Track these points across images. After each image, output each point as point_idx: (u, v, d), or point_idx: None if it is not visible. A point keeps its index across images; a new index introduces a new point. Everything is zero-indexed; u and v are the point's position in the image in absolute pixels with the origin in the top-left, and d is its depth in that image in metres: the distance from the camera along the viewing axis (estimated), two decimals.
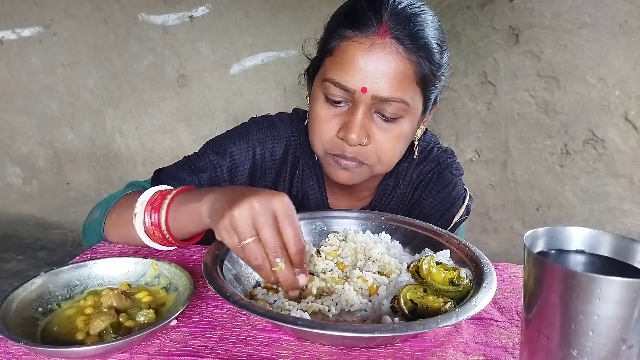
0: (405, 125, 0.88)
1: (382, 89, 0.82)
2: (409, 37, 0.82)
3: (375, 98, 0.83)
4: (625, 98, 2.45)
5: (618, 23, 2.36)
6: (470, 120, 2.66)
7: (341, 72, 0.83)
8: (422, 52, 0.84)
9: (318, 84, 0.89)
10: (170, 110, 2.98)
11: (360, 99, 0.83)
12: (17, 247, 2.89)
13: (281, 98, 2.87)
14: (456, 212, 1.03)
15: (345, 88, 0.83)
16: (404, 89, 0.84)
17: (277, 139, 1.02)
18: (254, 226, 0.64)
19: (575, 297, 0.45)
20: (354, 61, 0.82)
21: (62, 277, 0.69)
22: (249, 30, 2.79)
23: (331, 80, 0.84)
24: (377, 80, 0.82)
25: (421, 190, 1.05)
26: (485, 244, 2.76)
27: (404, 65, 0.83)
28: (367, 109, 0.85)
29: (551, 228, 0.54)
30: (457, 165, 1.07)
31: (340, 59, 0.84)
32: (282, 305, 0.67)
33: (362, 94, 0.82)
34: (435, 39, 0.86)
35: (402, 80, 0.83)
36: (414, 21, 0.83)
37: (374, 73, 0.81)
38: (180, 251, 0.88)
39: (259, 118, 1.06)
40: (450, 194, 1.03)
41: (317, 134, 0.90)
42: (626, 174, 2.56)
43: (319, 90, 0.88)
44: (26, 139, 3.10)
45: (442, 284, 0.68)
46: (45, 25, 2.89)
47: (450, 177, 1.03)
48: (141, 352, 0.59)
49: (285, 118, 1.06)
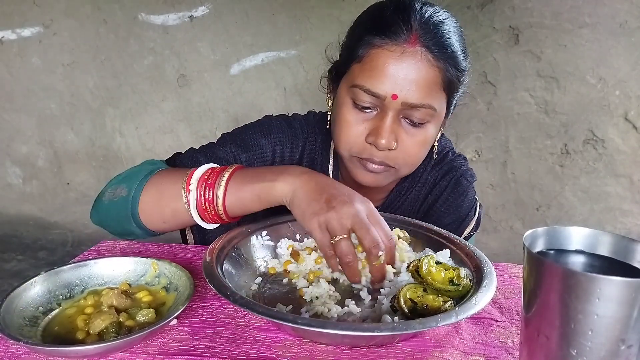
0: (431, 129, 0.90)
1: (412, 95, 0.84)
2: (437, 45, 0.85)
3: (405, 104, 0.85)
4: (625, 98, 2.45)
5: (618, 23, 2.36)
6: (470, 120, 2.66)
7: (371, 79, 0.85)
8: (450, 60, 0.86)
9: (345, 88, 0.90)
10: (170, 110, 2.98)
11: (389, 105, 0.85)
12: (17, 247, 2.89)
13: (281, 98, 2.86)
14: (467, 225, 1.05)
15: (376, 95, 0.85)
16: (432, 95, 0.86)
17: (294, 141, 1.03)
18: (349, 227, 0.70)
19: (575, 297, 0.45)
20: (385, 69, 0.84)
21: (62, 276, 0.69)
22: (249, 30, 2.79)
23: (361, 87, 0.86)
24: (407, 87, 0.84)
25: (436, 194, 1.06)
26: (485, 244, 2.76)
27: (433, 72, 0.85)
28: (396, 115, 0.86)
29: (551, 228, 0.54)
30: (471, 172, 1.09)
31: (370, 66, 0.85)
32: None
33: (393, 100, 0.84)
34: (460, 46, 0.89)
35: (431, 87, 0.85)
36: (441, 30, 0.86)
37: (404, 80, 0.83)
38: (180, 251, 0.88)
39: (277, 117, 1.06)
40: (463, 203, 1.04)
41: (345, 138, 0.91)
42: (626, 174, 2.56)
43: (347, 95, 0.90)
44: (26, 139, 3.10)
45: (442, 284, 0.68)
46: (45, 25, 2.89)
47: (466, 184, 1.05)
48: (141, 351, 0.59)
49: (302, 120, 1.07)
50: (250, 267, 0.78)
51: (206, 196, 0.80)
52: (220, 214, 0.81)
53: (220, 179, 0.80)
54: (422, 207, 1.07)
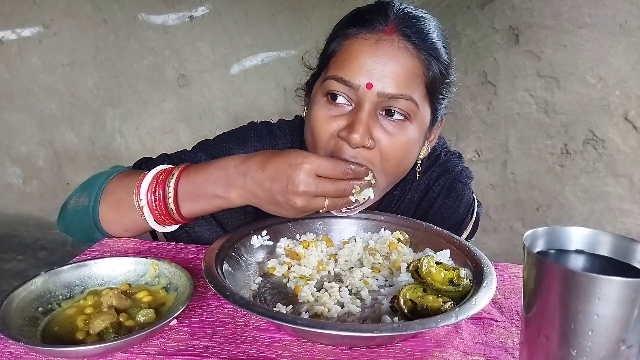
0: (411, 131, 0.83)
1: (389, 85, 0.78)
2: (417, 34, 0.81)
3: (381, 95, 0.79)
4: (625, 98, 2.45)
5: (618, 23, 2.36)
6: (470, 120, 2.66)
7: (344, 67, 0.80)
8: (431, 51, 0.82)
9: (319, 86, 0.86)
10: (170, 110, 2.98)
11: (364, 96, 0.79)
12: (17, 247, 2.89)
13: (281, 98, 2.86)
14: (465, 229, 1.01)
15: (349, 84, 0.79)
16: (413, 87, 0.80)
17: (274, 148, 0.97)
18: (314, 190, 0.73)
19: (575, 297, 0.45)
20: (359, 56, 0.79)
21: (62, 276, 0.69)
22: (249, 30, 2.79)
23: (334, 76, 0.81)
24: (383, 77, 0.78)
25: (430, 200, 1.00)
26: (485, 244, 2.76)
27: (413, 63, 0.80)
28: (373, 109, 0.80)
29: (551, 228, 0.54)
30: (467, 172, 1.03)
31: (344, 56, 0.82)
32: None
33: (367, 89, 0.78)
34: (442, 43, 0.85)
35: (411, 79, 0.80)
36: (420, 22, 0.83)
37: (380, 69, 0.78)
38: (180, 251, 0.88)
39: (258, 124, 1.02)
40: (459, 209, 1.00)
41: (318, 137, 0.84)
42: (626, 174, 2.56)
43: (320, 93, 0.84)
44: (26, 139, 3.10)
45: (442, 284, 0.68)
46: (45, 25, 2.89)
47: (461, 187, 1.00)
48: (141, 351, 0.59)
49: (286, 127, 1.01)
50: (250, 267, 0.78)
51: (156, 196, 0.79)
52: (175, 217, 0.81)
53: (170, 178, 0.79)
54: (416, 213, 1.01)
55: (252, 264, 0.79)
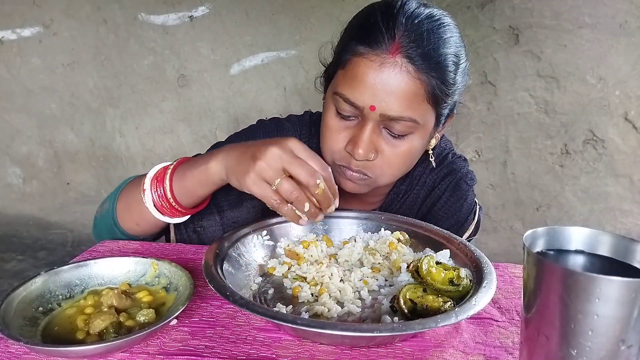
0: (415, 141, 0.88)
1: (391, 108, 0.82)
2: (421, 56, 0.81)
3: (383, 116, 0.83)
4: (625, 98, 2.45)
5: (618, 23, 2.36)
6: (470, 120, 2.66)
7: (351, 88, 0.84)
8: (434, 72, 0.82)
9: (330, 94, 0.90)
10: (170, 110, 2.97)
11: (369, 115, 0.84)
12: (17, 247, 2.89)
13: (281, 98, 2.86)
14: (466, 229, 1.04)
15: (355, 105, 0.84)
16: (414, 107, 0.83)
17: None
18: (282, 168, 0.71)
19: (575, 297, 0.45)
20: (364, 79, 0.82)
21: (62, 276, 0.69)
22: (249, 30, 2.79)
23: (342, 95, 0.85)
24: (386, 99, 0.82)
25: (434, 197, 1.04)
26: (485, 244, 2.75)
27: (414, 84, 0.82)
28: (376, 125, 0.85)
29: (551, 228, 0.54)
30: (471, 175, 1.07)
31: (351, 74, 0.84)
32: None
33: (371, 111, 0.83)
34: (452, 56, 0.85)
35: (412, 100, 0.83)
36: (428, 38, 0.82)
37: (383, 92, 0.81)
38: (180, 251, 0.88)
39: (267, 121, 1.06)
40: (462, 208, 1.03)
41: (327, 144, 0.91)
42: (626, 174, 2.56)
43: (331, 102, 0.89)
44: (26, 139, 3.09)
45: (442, 284, 0.68)
46: (45, 25, 2.89)
47: (465, 188, 1.03)
48: (141, 351, 0.59)
49: (295, 121, 1.06)
50: (250, 267, 0.78)
51: (159, 192, 0.85)
52: (175, 205, 0.85)
53: (166, 174, 0.84)
54: (421, 210, 1.06)
55: (252, 264, 0.79)
